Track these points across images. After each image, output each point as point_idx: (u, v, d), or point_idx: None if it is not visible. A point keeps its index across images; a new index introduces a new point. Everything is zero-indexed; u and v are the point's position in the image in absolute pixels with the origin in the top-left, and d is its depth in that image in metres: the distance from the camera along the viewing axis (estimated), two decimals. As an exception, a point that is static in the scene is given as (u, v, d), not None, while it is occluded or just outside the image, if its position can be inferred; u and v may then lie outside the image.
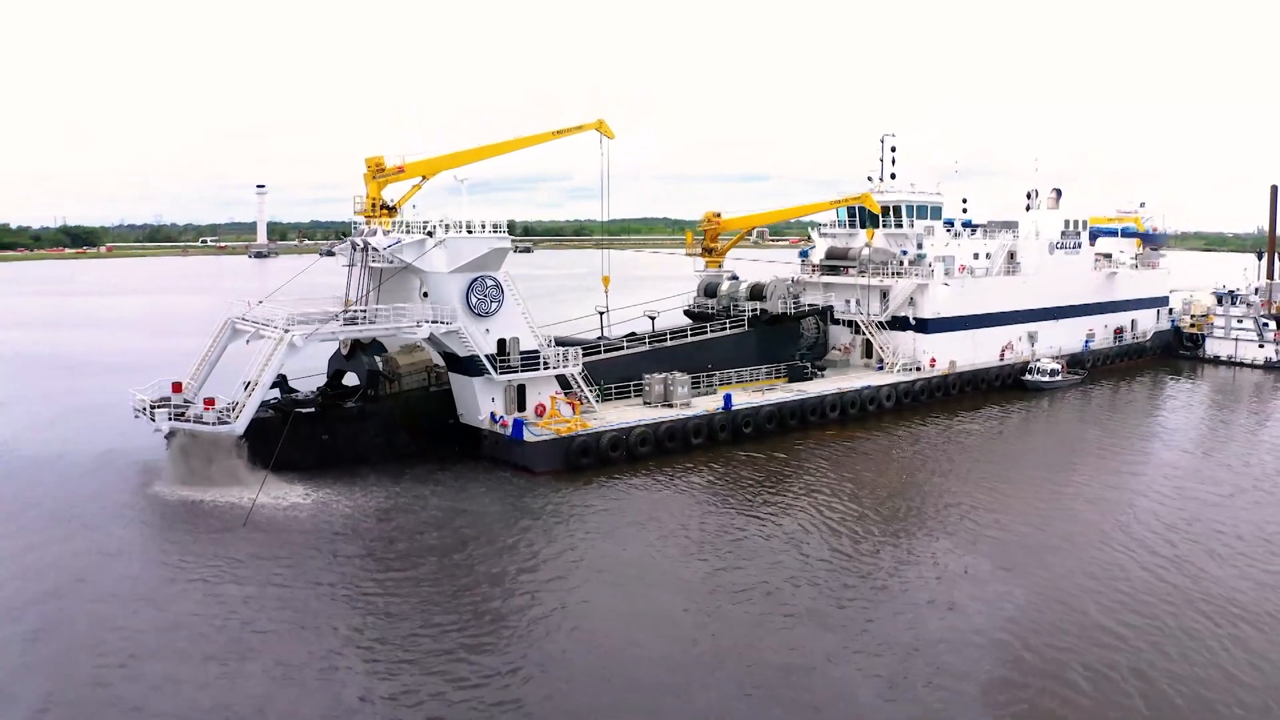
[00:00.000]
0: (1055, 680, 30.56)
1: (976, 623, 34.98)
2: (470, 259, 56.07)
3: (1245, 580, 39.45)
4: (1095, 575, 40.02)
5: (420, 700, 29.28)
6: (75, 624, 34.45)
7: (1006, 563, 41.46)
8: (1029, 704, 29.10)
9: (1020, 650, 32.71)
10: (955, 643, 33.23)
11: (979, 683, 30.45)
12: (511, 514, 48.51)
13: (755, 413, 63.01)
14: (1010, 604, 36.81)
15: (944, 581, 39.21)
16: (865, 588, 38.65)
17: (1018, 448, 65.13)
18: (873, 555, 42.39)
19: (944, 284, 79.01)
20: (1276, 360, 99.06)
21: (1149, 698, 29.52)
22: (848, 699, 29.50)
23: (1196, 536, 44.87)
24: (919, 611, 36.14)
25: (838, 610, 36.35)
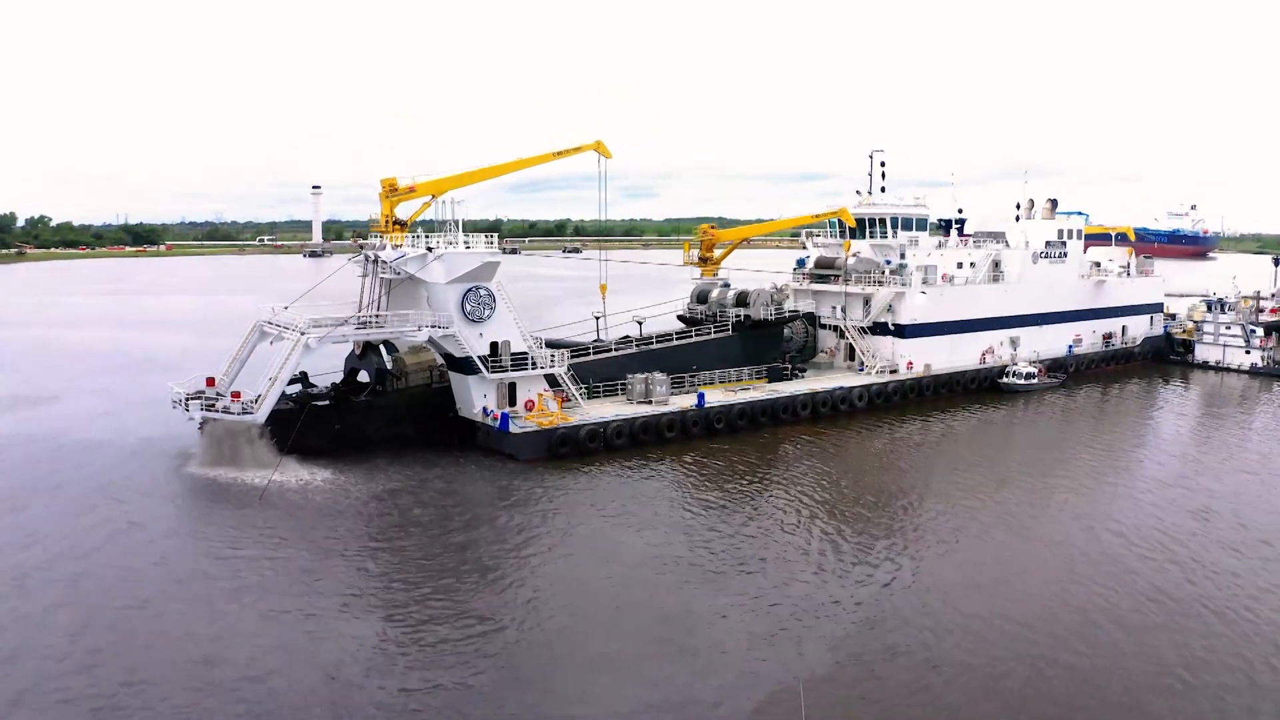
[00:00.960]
0: (883, 663, 36.66)
1: (857, 594, 41.10)
2: (465, 271, 63.32)
3: (1172, 568, 44.97)
4: (998, 557, 45.83)
5: (385, 638, 36.31)
6: (106, 572, 42.22)
7: (900, 544, 47.43)
8: (865, 668, 35.26)
9: (887, 619, 38.80)
10: (835, 611, 39.39)
11: (830, 642, 36.66)
12: (494, 495, 55.57)
13: (728, 410, 69.41)
14: (898, 578, 42.87)
15: (843, 556, 45.31)
16: (775, 559, 44.88)
17: (969, 443, 70.45)
18: (794, 531, 48.58)
19: (921, 292, 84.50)
20: (1261, 366, 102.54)
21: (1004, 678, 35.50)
22: (723, 648, 35.87)
23: (1129, 528, 50.30)
24: (812, 581, 42.32)
25: (745, 576, 42.68)
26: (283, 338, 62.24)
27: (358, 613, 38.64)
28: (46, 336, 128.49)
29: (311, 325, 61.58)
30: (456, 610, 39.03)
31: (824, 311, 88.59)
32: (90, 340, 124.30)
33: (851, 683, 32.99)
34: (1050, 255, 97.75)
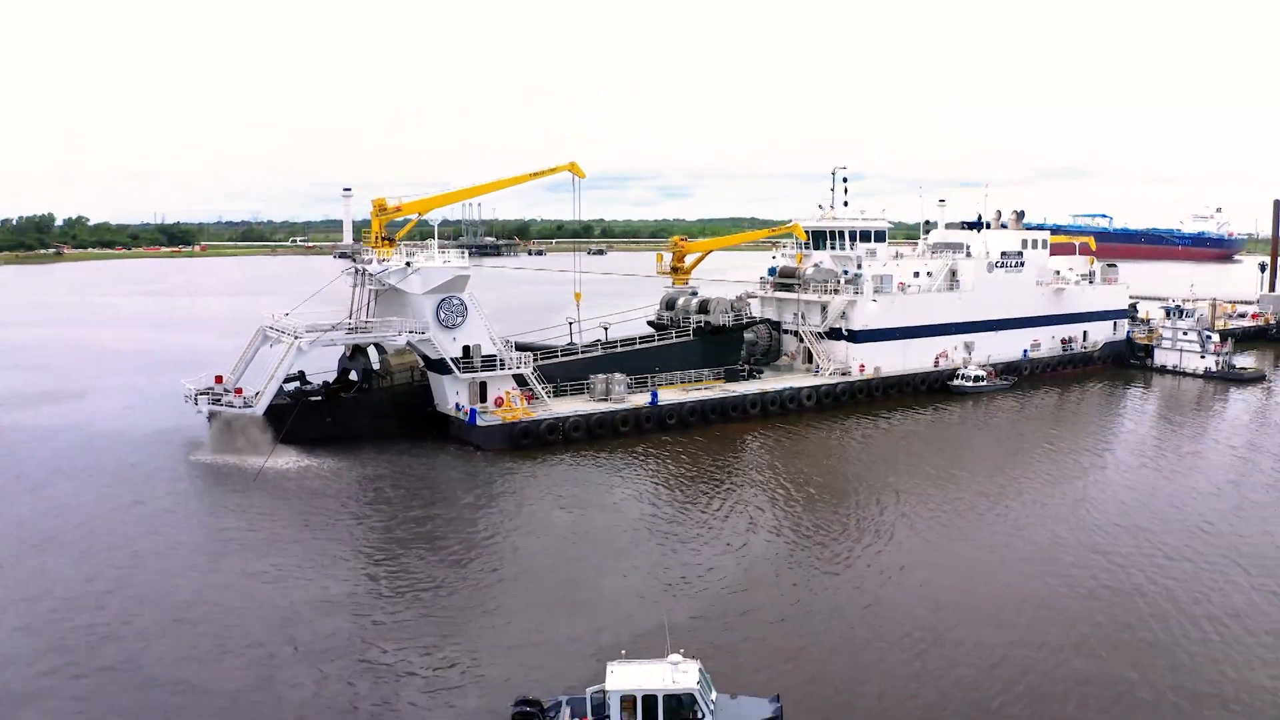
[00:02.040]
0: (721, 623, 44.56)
1: (740, 562, 49.05)
2: (439, 283, 72.02)
3: (1080, 552, 52.51)
4: (884, 538, 53.51)
5: (336, 589, 44.82)
6: (113, 539, 51.17)
7: (797, 522, 55.22)
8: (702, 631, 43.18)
9: (754, 586, 46.72)
10: (713, 576, 47.37)
11: (703, 599, 44.64)
12: (458, 480, 64.13)
13: (679, 408, 77.48)
14: (778, 551, 50.75)
15: (744, 533, 53.21)
16: (686, 535, 52.86)
17: (901, 438, 77.70)
18: (711, 511, 56.54)
19: (872, 300, 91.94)
20: (1215, 370, 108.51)
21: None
22: (615, 601, 43.97)
23: (1039, 516, 57.77)
24: (705, 550, 50.28)
25: (655, 547, 50.76)
26: (280, 341, 71.34)
27: (319, 571, 47.19)
28: (82, 336, 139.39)
29: (305, 330, 70.61)
30: (399, 569, 47.56)
31: (786, 318, 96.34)
32: (121, 340, 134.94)
33: (710, 628, 40.87)
34: (1006, 265, 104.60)
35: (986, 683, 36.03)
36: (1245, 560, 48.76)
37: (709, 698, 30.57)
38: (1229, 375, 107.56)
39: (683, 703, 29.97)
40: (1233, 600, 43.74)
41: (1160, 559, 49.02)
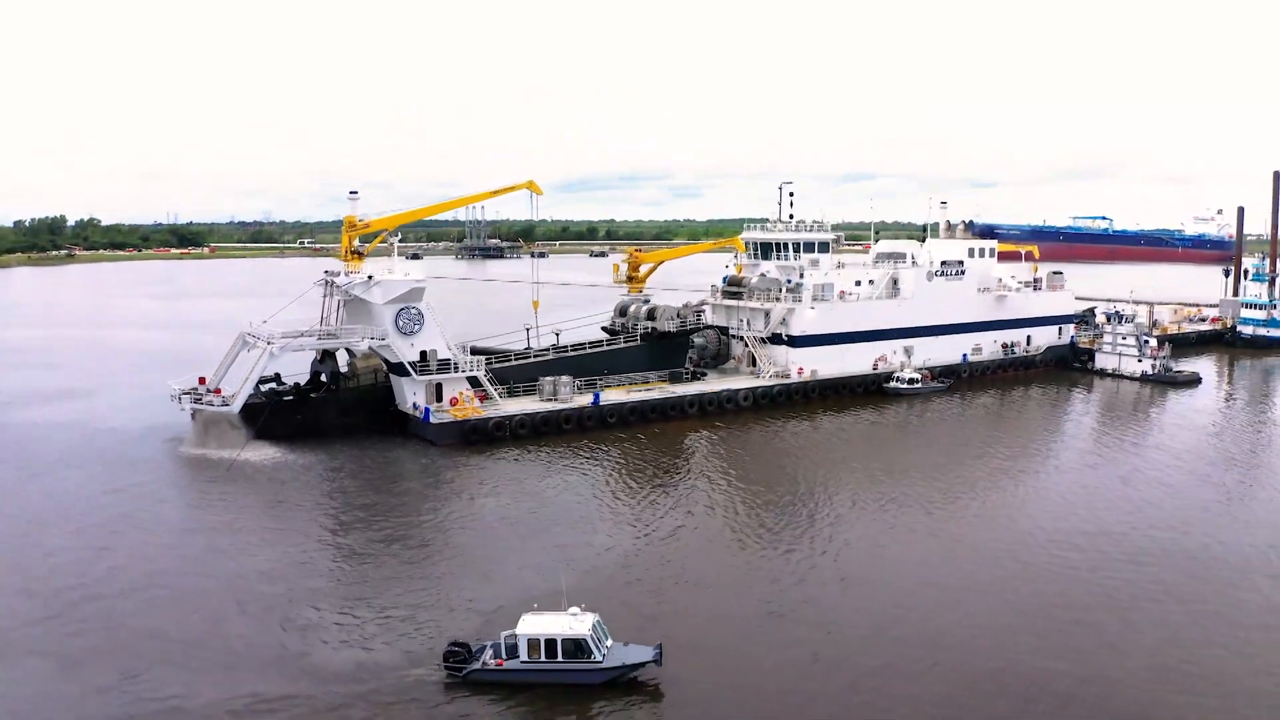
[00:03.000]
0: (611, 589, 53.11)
1: (636, 542, 57.64)
2: (398, 294, 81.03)
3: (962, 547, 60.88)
4: (764, 521, 61.99)
5: (283, 560, 53.69)
6: (100, 518, 60.32)
7: (695, 506, 63.72)
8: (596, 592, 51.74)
9: (639, 564, 55.26)
10: (609, 554, 55.95)
11: (598, 573, 53.22)
12: (410, 471, 73.03)
13: (620, 407, 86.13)
14: (665, 532, 59.31)
15: (645, 516, 61.80)
16: (595, 517, 61.46)
17: (828, 435, 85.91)
18: (624, 497, 65.13)
19: (811, 308, 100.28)
20: (1152, 373, 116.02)
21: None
22: (518, 573, 52.64)
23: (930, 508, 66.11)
24: (604, 531, 58.89)
25: (563, 530, 59.42)
26: (255, 346, 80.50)
27: (273, 547, 56.02)
28: (91, 337, 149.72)
29: (276, 336, 79.77)
30: (343, 545, 56.45)
31: (734, 323, 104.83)
32: (127, 340, 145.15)
33: (597, 592, 49.41)
34: (946, 273, 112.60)
35: (867, 651, 44.36)
36: (1153, 550, 55.83)
37: (604, 643, 39.34)
38: (1164, 379, 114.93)
39: (578, 645, 38.72)
40: (1148, 587, 50.56)
41: (1068, 547, 57.05)
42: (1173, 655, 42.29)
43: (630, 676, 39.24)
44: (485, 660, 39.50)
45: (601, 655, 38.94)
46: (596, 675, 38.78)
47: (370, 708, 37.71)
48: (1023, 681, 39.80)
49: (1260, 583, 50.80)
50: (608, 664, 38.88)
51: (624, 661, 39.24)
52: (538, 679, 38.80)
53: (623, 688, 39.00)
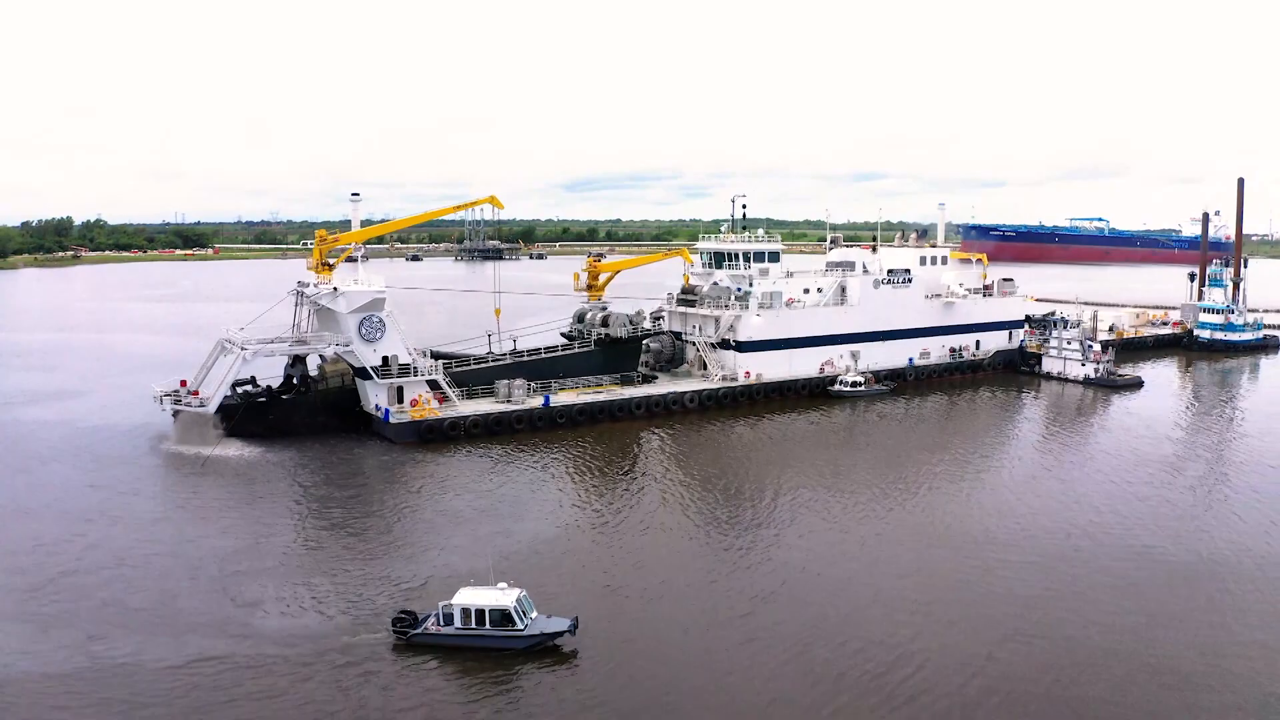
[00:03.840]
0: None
1: (560, 530, 65.05)
2: (360, 304, 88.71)
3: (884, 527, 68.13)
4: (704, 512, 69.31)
5: (239, 544, 61.31)
6: (80, 507, 68.14)
7: (620, 499, 71.09)
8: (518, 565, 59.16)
9: (557, 549, 62.65)
10: (534, 542, 63.38)
11: (517, 557, 60.63)
12: (369, 466, 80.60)
13: (570, 408, 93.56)
14: (590, 520, 66.68)
15: (571, 506, 69.19)
16: (525, 507, 68.88)
17: (762, 434, 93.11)
18: (553, 490, 72.53)
19: (757, 315, 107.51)
20: (1095, 377, 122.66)
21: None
22: (444, 556, 60.08)
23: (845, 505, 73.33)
24: (532, 518, 66.28)
25: (491, 518, 66.91)
26: (231, 351, 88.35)
27: (231, 533, 63.63)
28: (91, 340, 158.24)
29: (250, 343, 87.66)
30: (293, 530, 64.07)
31: (688, 329, 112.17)
32: (124, 343, 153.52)
33: (528, 571, 56.81)
34: (893, 281, 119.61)
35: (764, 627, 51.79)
36: (1080, 540, 62.81)
37: (530, 615, 46.70)
38: (1106, 382, 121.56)
39: (504, 615, 46.08)
40: (1080, 576, 57.46)
41: (992, 537, 64.34)
42: (1100, 638, 48.12)
43: (550, 644, 46.30)
44: (427, 626, 46.97)
45: (524, 625, 46.26)
46: (519, 642, 46.02)
47: (319, 665, 44.97)
48: (920, 659, 46.04)
49: (1184, 574, 57.73)
50: (528, 632, 46.12)
51: (543, 630, 46.49)
52: (470, 643, 46.10)
53: (542, 652, 46.08)
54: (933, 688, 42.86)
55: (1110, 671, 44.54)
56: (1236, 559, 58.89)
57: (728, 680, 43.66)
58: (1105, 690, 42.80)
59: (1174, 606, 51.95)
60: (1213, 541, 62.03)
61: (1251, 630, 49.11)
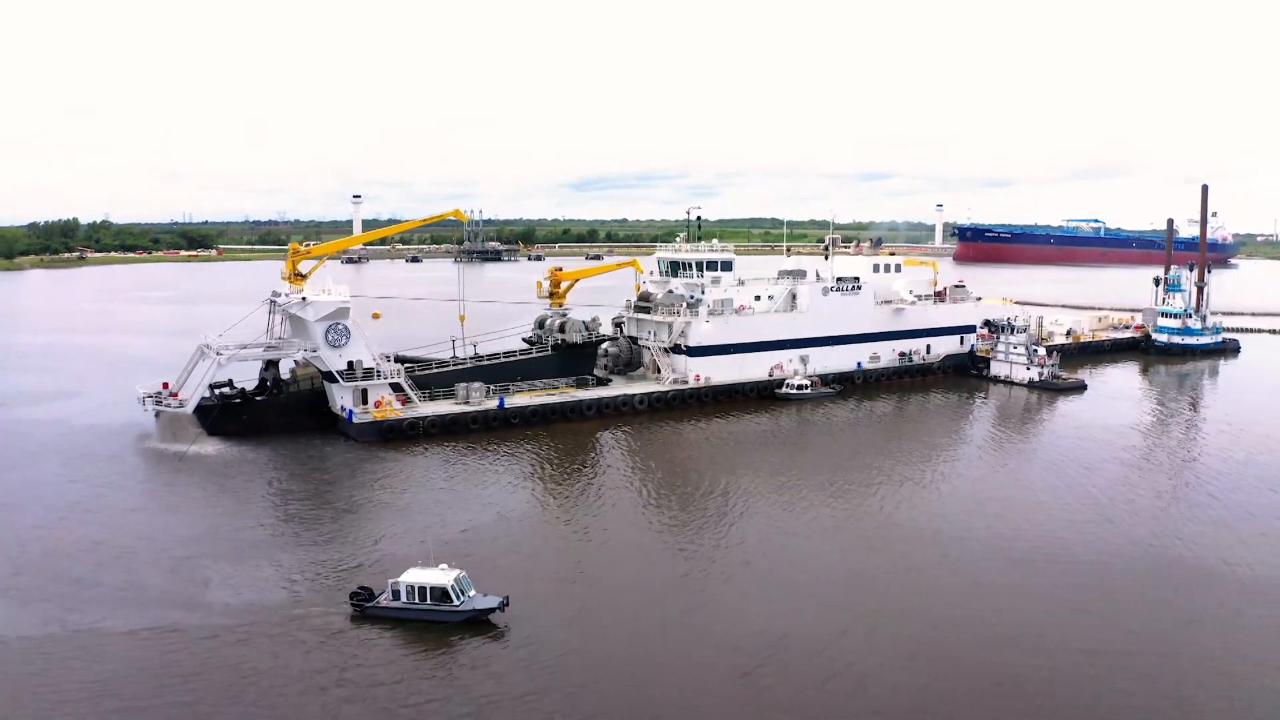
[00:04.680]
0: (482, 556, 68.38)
1: (497, 516, 72.88)
2: (326, 313, 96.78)
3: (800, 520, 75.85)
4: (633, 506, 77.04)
5: (200, 531, 69.37)
6: (70, 495, 76.44)
7: (557, 493, 78.89)
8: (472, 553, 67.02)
9: (482, 538, 70.49)
10: (470, 531, 71.18)
11: (450, 546, 68.47)
12: (333, 463, 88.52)
13: (523, 410, 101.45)
14: (521, 511, 74.49)
15: (502, 498, 76.97)
16: (463, 501, 76.70)
17: (708, 436, 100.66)
18: (494, 485, 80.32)
19: (706, 321, 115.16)
20: (1039, 380, 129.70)
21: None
22: (384, 544, 67.92)
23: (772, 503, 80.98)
24: (468, 509, 74.10)
25: (430, 510, 74.76)
26: (208, 356, 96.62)
27: (198, 520, 71.68)
28: (90, 342, 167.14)
29: (226, 348, 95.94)
30: (253, 519, 72.09)
31: (644, 335, 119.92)
32: (120, 345, 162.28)
33: (464, 554, 64.57)
34: (843, 288, 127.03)
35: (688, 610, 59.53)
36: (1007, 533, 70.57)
37: (468, 593, 54.22)
38: (1050, 385, 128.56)
39: (442, 592, 53.57)
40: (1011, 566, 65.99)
41: (920, 533, 71.92)
42: (1031, 630, 55.62)
43: (482, 618, 53.72)
44: (379, 600, 54.84)
45: (460, 601, 53.97)
46: (455, 616, 53.62)
47: (283, 631, 52.58)
48: (845, 652, 53.32)
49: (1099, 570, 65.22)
50: (463, 608, 53.72)
51: (475, 607, 54.18)
52: (414, 616, 53.79)
53: (475, 625, 53.49)
54: (858, 676, 47.82)
55: (1042, 659, 50.12)
56: (1147, 551, 65.46)
57: (646, 655, 50.48)
58: (1040, 686, 46.89)
59: (1060, 595, 59.51)
60: (1125, 536, 68.43)
61: (1163, 618, 55.88)
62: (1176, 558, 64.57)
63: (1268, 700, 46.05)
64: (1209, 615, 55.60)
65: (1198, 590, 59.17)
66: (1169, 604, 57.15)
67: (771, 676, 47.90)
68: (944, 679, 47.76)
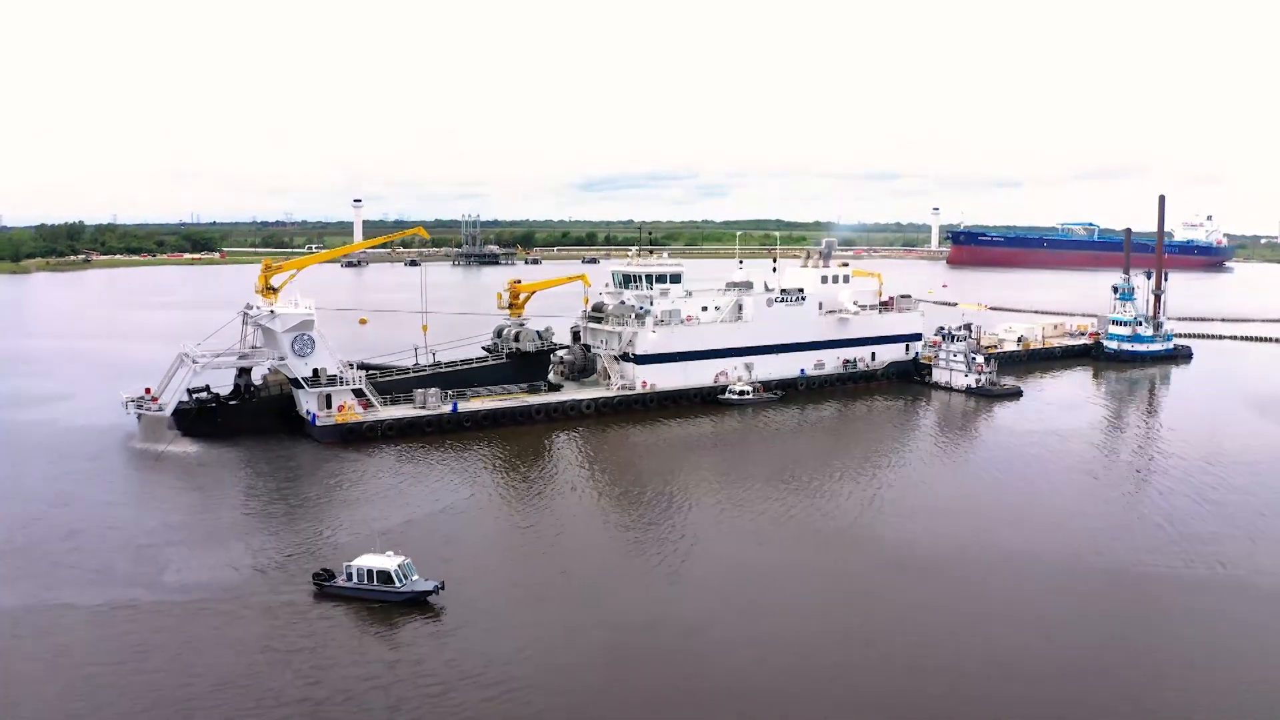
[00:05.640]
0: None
1: (443, 508, 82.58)
2: (292, 325, 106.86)
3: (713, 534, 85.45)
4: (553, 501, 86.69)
5: (170, 521, 79.32)
6: (58, 484, 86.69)
7: (498, 490, 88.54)
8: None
9: (417, 530, 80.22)
10: (427, 518, 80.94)
11: (394, 536, 78.29)
12: (298, 462, 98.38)
13: (475, 414, 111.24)
14: (459, 502, 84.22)
15: (437, 493, 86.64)
16: (407, 495, 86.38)
17: (650, 438, 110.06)
18: (438, 481, 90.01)
19: (652, 331, 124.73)
20: (975, 386, 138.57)
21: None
22: (364, 523, 77.73)
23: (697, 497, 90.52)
24: (411, 503, 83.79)
25: (377, 504, 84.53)
26: (185, 364, 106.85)
27: (170, 510, 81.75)
28: (88, 347, 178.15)
29: (203, 356, 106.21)
30: (212, 509, 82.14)
31: (597, 343, 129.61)
32: (116, 349, 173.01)
33: (408, 543, 74.19)
34: (786, 299, 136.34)
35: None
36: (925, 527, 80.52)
37: (411, 576, 63.35)
38: (986, 391, 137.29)
39: (386, 575, 62.83)
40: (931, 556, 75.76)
41: (835, 521, 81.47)
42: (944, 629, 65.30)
43: (421, 599, 62.65)
44: (336, 581, 64.36)
45: (401, 584, 63.55)
46: (397, 596, 62.90)
47: (250, 606, 62.07)
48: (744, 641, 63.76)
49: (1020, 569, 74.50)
50: (404, 589, 63.08)
51: (414, 589, 63.68)
52: (363, 596, 63.11)
53: (415, 604, 62.50)
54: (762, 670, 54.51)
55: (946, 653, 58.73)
56: (1051, 547, 73.92)
57: (559, 634, 59.35)
58: (945, 686, 52.24)
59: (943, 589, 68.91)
60: (1031, 533, 77.12)
61: (1070, 609, 65.21)
62: (1072, 553, 72.51)
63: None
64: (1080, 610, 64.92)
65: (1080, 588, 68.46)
66: (1072, 601, 66.43)
67: (643, 653, 57.55)
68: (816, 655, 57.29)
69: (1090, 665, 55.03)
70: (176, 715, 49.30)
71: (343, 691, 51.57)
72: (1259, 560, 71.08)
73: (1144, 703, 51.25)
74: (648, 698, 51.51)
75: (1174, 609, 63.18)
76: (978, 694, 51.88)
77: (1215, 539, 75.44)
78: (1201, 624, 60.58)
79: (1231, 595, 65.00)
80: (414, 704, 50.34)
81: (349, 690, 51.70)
